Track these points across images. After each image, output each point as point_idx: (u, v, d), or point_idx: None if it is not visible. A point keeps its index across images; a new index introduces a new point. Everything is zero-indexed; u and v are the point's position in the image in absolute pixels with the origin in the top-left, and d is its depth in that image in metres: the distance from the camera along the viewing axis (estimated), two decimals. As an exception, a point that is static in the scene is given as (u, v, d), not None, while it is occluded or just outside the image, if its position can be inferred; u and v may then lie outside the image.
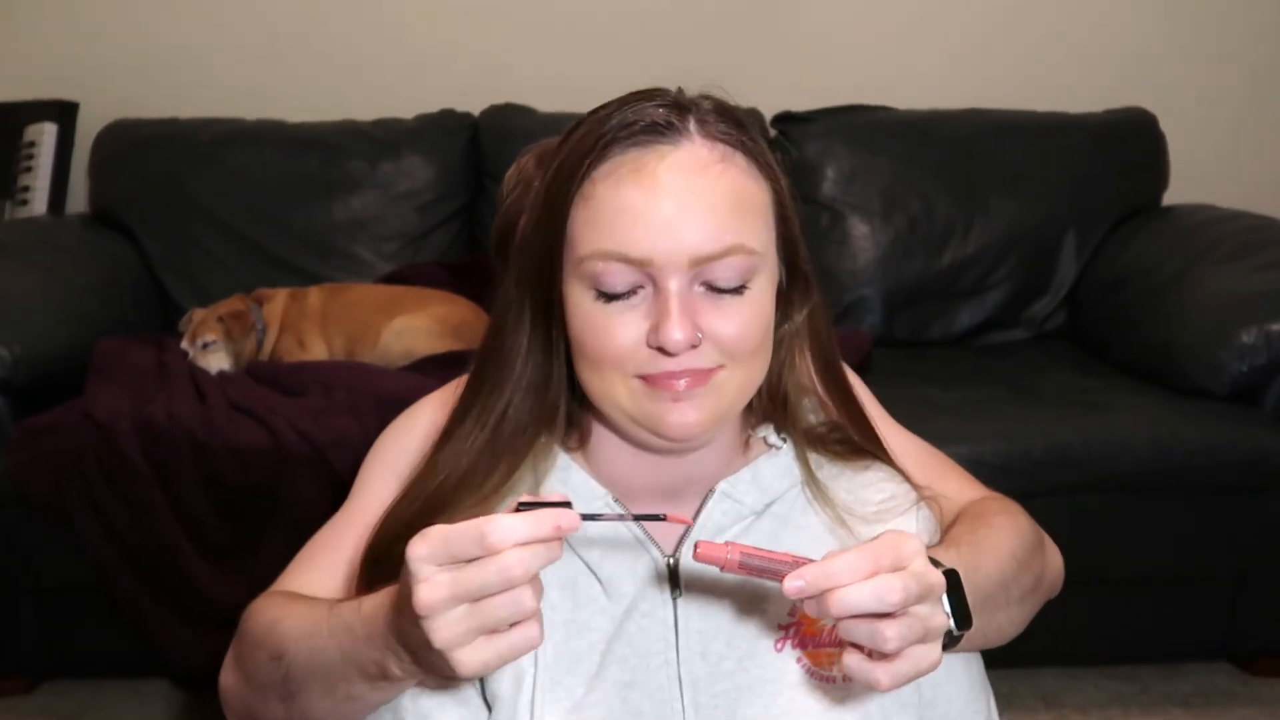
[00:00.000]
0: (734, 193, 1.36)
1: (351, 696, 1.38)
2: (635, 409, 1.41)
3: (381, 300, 3.76)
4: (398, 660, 1.28)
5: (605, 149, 1.36)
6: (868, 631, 1.17)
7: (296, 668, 1.40)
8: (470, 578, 1.12)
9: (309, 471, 3.00)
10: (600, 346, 1.38)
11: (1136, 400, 3.43)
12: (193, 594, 3.06)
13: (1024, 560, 1.54)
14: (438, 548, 1.13)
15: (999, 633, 1.52)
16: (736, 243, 1.34)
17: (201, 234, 4.20)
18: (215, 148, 4.26)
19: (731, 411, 1.45)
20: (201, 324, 3.59)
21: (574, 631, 1.44)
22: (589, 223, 1.35)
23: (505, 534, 1.11)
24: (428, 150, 4.32)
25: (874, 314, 4.23)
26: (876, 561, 1.16)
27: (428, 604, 1.12)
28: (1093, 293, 4.16)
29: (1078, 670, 3.54)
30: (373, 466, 1.73)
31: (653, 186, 1.33)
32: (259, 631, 1.49)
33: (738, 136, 1.39)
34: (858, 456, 1.60)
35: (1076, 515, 3.16)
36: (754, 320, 1.39)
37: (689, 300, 1.35)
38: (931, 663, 1.21)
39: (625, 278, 1.35)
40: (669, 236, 1.32)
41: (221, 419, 3.10)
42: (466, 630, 1.13)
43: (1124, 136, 4.37)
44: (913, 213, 4.25)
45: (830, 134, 4.30)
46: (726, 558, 1.19)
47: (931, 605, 1.20)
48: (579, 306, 1.38)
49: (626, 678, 1.42)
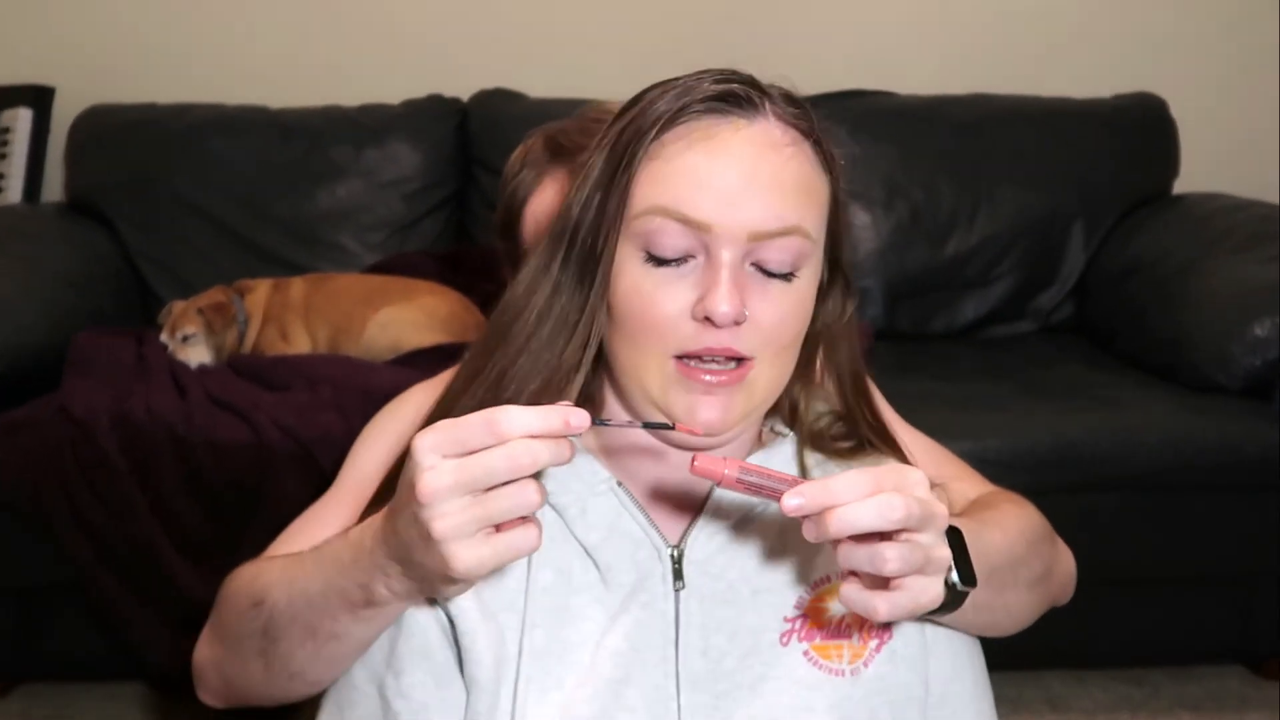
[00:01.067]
0: (800, 177, 1.40)
1: (335, 635, 1.38)
2: (662, 397, 1.42)
3: (367, 291, 3.76)
4: (384, 578, 1.29)
5: (681, 112, 1.38)
6: (868, 554, 1.19)
7: (278, 612, 1.41)
8: (476, 463, 1.14)
9: (292, 468, 2.99)
10: (643, 313, 1.39)
11: (1146, 395, 3.43)
12: (172, 594, 3.06)
13: (1032, 543, 1.56)
14: (445, 435, 1.15)
15: (1007, 614, 1.54)
16: (796, 224, 1.38)
17: (181, 223, 4.19)
18: (196, 134, 4.24)
19: (759, 411, 1.48)
20: (181, 316, 3.58)
21: (567, 620, 1.44)
22: (651, 179, 1.38)
23: (514, 423, 1.13)
24: (415, 137, 4.32)
25: (875, 306, 4.23)
26: (879, 483, 1.18)
27: (431, 490, 1.14)
28: (1101, 284, 4.17)
29: (1085, 673, 3.54)
30: (360, 453, 1.74)
31: (723, 153, 1.36)
32: (240, 586, 1.51)
33: (809, 124, 1.44)
34: (862, 454, 1.60)
35: (1084, 514, 3.16)
36: (795, 311, 1.42)
37: (740, 275, 1.37)
38: (932, 597, 1.22)
39: (679, 241, 1.37)
40: (731, 205, 1.35)
41: (202, 414, 3.10)
42: (468, 519, 1.15)
43: (1133, 122, 4.37)
44: (915, 202, 4.26)
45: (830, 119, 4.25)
46: (724, 473, 1.20)
47: (934, 535, 1.21)
48: (626, 270, 1.40)
49: (620, 672, 1.42)
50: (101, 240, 4.12)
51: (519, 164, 2.17)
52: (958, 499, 1.66)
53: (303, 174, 4.26)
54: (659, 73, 1.48)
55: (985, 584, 1.37)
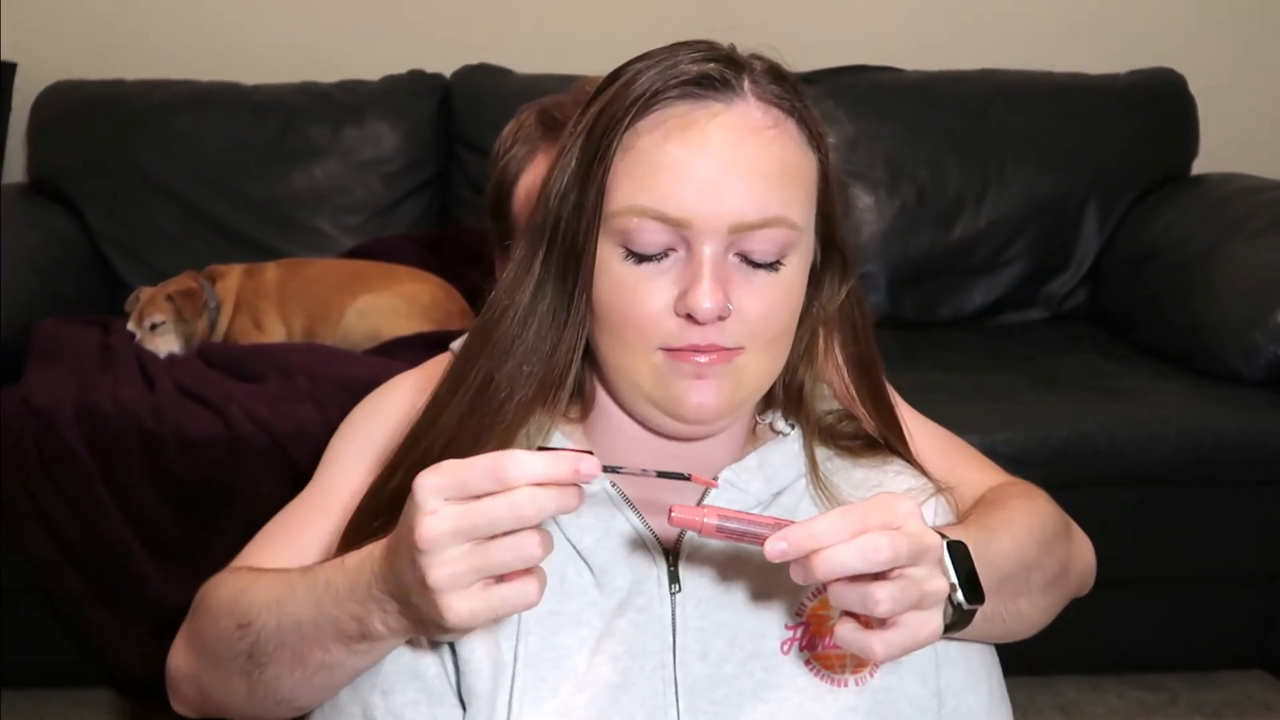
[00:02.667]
0: (783, 161, 1.38)
1: (326, 665, 1.37)
2: (654, 389, 1.41)
3: (345, 277, 3.76)
4: (381, 614, 1.28)
5: (654, 99, 1.36)
6: (859, 595, 1.18)
7: (266, 636, 1.39)
8: (478, 511, 1.13)
9: (266, 464, 3.00)
10: (625, 311, 1.38)
11: (1163, 386, 3.43)
12: (140, 596, 3.06)
13: (1045, 543, 1.55)
14: (448, 479, 1.15)
15: (1020, 621, 1.53)
16: (780, 214, 1.36)
17: (149, 205, 4.19)
18: (165, 112, 4.24)
19: (750, 400, 1.47)
20: (149, 303, 3.58)
21: (561, 625, 1.43)
22: (627, 175, 1.36)
23: (521, 470, 1.13)
24: (395, 114, 4.31)
25: (878, 292, 4.23)
26: (864, 521, 1.17)
27: (431, 536, 1.14)
28: (1116, 269, 4.17)
29: (1100, 679, 3.54)
30: (339, 449, 1.73)
31: (700, 144, 1.34)
32: (223, 601, 1.49)
33: (792, 102, 1.41)
34: (871, 452, 1.60)
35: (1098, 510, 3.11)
36: (783, 301, 1.40)
37: (722, 269, 1.36)
38: (930, 632, 1.21)
39: (659, 238, 1.36)
40: (711, 199, 1.33)
41: (171, 406, 3.10)
42: (466, 570, 1.15)
43: (1150, 99, 4.37)
44: (920, 183, 4.26)
45: (831, 97, 4.29)
46: (703, 522, 1.20)
47: (928, 568, 1.20)
48: (607, 267, 1.39)
49: (617, 679, 1.41)
50: (65, 223, 4.11)
51: (511, 139, 2.17)
52: (966, 497, 1.66)
53: (277, 154, 4.25)
54: (651, 48, 1.46)
55: (995, 594, 1.37)
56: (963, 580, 1.26)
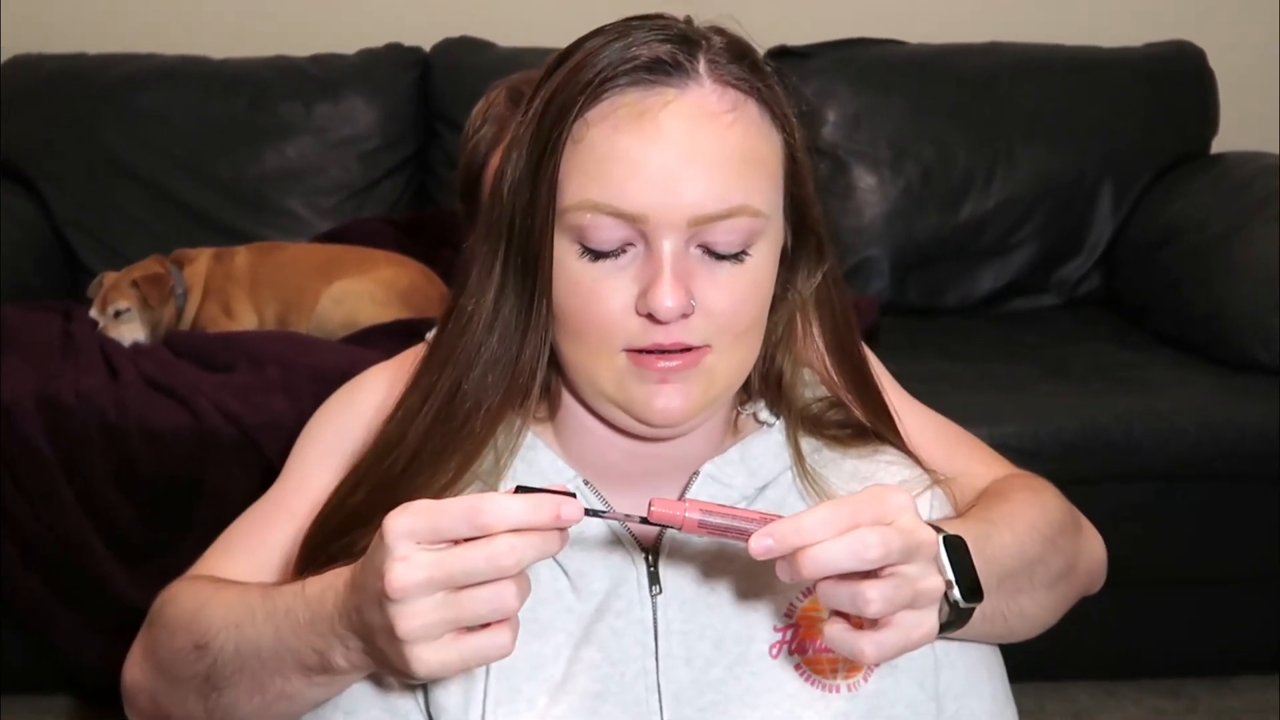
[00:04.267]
0: (743, 147, 1.36)
1: (285, 694, 1.37)
2: (618, 393, 1.40)
3: (319, 261, 3.76)
4: (344, 649, 1.27)
5: (602, 86, 1.35)
6: (849, 594, 1.17)
7: (224, 660, 1.39)
8: (454, 560, 1.12)
9: (236, 458, 3.00)
10: (584, 312, 1.37)
11: (1181, 376, 3.44)
12: (103, 597, 3.06)
13: (1049, 537, 1.54)
14: (422, 523, 1.13)
15: (1023, 620, 1.53)
16: (741, 204, 1.34)
17: (113, 187, 4.19)
18: (129, 88, 4.24)
19: (723, 396, 1.46)
20: (113, 289, 3.57)
21: (535, 632, 1.43)
22: (578, 169, 1.35)
23: (500, 515, 1.11)
24: (372, 90, 4.31)
25: (882, 277, 4.24)
26: (854, 516, 1.16)
27: (401, 585, 1.12)
28: (1132, 253, 4.17)
29: (1114, 684, 3.54)
30: (308, 446, 1.72)
31: (653, 134, 1.33)
32: (180, 618, 1.48)
33: (752, 82, 1.39)
34: (861, 441, 1.59)
35: (1113, 507, 3.12)
36: (750, 293, 1.39)
37: (683, 264, 1.35)
38: (924, 632, 1.21)
39: (614, 234, 1.34)
40: (667, 191, 1.32)
41: (136, 398, 3.09)
42: (437, 622, 1.13)
43: (1167, 74, 4.36)
44: (925, 162, 4.26)
45: (831, 72, 4.30)
46: (684, 516, 1.19)
47: (922, 565, 1.20)
48: (563, 265, 1.38)
49: (597, 688, 1.41)
50: (25, 205, 4.12)
51: (481, 119, 2.17)
52: (968, 490, 1.65)
53: (248, 132, 4.25)
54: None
55: (995, 592, 1.37)
56: (960, 577, 1.25)
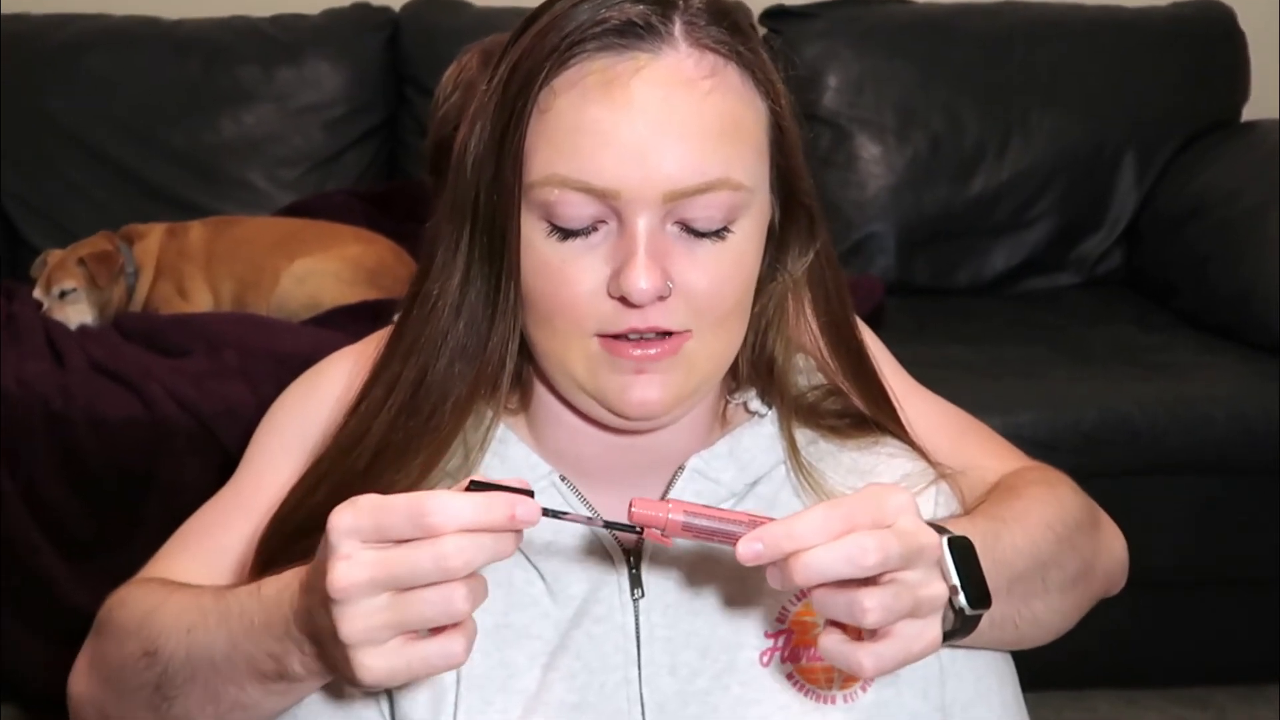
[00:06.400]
0: (722, 115, 1.35)
1: (240, 704, 1.36)
2: (591, 382, 1.40)
3: (280, 237, 3.76)
4: (300, 654, 1.27)
5: (569, 52, 1.33)
6: (845, 603, 1.16)
7: (175, 668, 1.38)
8: (398, 560, 1.11)
9: (191, 449, 2.99)
10: (554, 295, 1.36)
11: (1210, 360, 3.44)
12: (48, 600, 3.06)
13: (1064, 536, 1.53)
14: (365, 520, 1.13)
15: (1036, 626, 1.52)
16: (721, 176, 1.33)
17: (58, 157, 4.19)
18: (75, 51, 4.23)
19: (705, 385, 1.45)
20: (58, 268, 3.57)
21: (509, 639, 1.43)
22: (545, 141, 1.34)
23: (449, 514, 1.10)
24: (337, 53, 4.31)
25: (886, 255, 4.24)
26: (850, 518, 1.15)
27: (343, 586, 1.11)
28: (1156, 228, 4.17)
29: (1138, 694, 3.55)
30: (266, 438, 1.71)
31: (624, 103, 1.31)
32: (128, 624, 1.47)
33: (732, 44, 1.37)
34: (860, 432, 1.58)
35: (1137, 503, 3.13)
36: (733, 273, 1.38)
37: (659, 242, 1.34)
38: (927, 643, 1.20)
39: (584, 210, 1.33)
40: (640, 165, 1.30)
41: (83, 385, 3.09)
42: (382, 625, 1.13)
43: (1195, 36, 4.36)
44: (934, 130, 4.26)
45: (833, 33, 4.30)
46: (667, 518, 1.18)
47: (923, 571, 1.19)
48: (531, 244, 1.36)
49: (574, 698, 1.41)
50: (-38, 178, 4.10)
51: (451, 85, 2.17)
52: (977, 485, 1.65)
53: (203, 98, 4.25)
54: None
55: (1005, 596, 1.36)
56: (965, 582, 1.25)
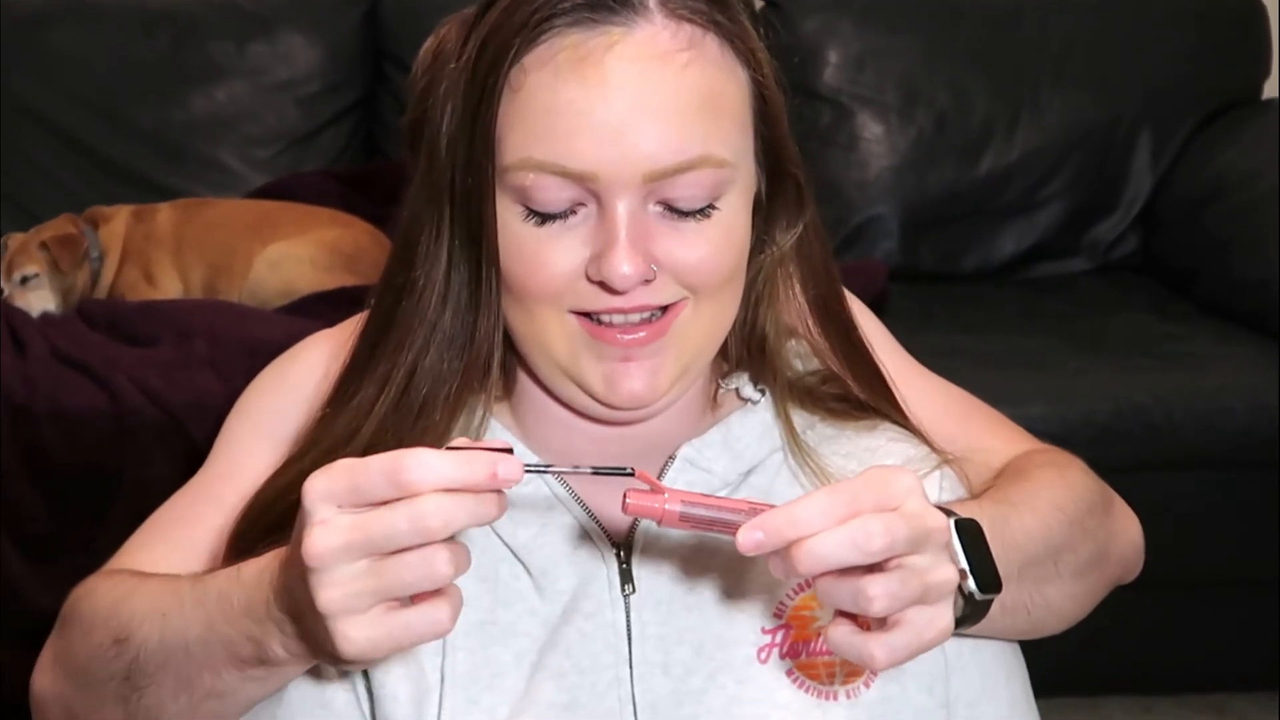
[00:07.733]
0: (702, 89, 1.34)
1: (216, 692, 1.35)
2: (574, 366, 1.40)
3: (253, 220, 3.75)
4: (281, 635, 1.26)
5: (539, 28, 1.32)
6: (850, 591, 1.16)
7: (146, 655, 1.37)
8: (375, 522, 1.10)
9: (159, 443, 2.99)
10: (530, 277, 1.36)
11: (1229, 350, 3.44)
12: (9, 601, 3.05)
13: (1077, 519, 1.53)
14: (340, 482, 1.12)
15: (1049, 612, 1.52)
16: (703, 154, 1.33)
17: (20, 135, 4.19)
18: (38, 26, 4.24)
19: (697, 364, 1.45)
20: (20, 252, 3.57)
21: (495, 636, 1.42)
22: (518, 122, 1.34)
23: (426, 473, 1.10)
24: (312, 27, 4.32)
25: (890, 239, 4.24)
26: (854, 502, 1.14)
27: (319, 552, 1.11)
28: (1173, 211, 4.17)
29: (1153, 700, 3.54)
30: (237, 426, 1.71)
31: (598, 81, 1.31)
32: (97, 613, 1.47)
33: (709, 13, 1.36)
34: (860, 415, 1.58)
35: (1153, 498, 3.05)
36: (724, 246, 1.38)
37: (641, 224, 1.34)
38: (939, 630, 1.20)
39: (561, 194, 1.33)
40: (618, 145, 1.30)
41: (45, 376, 3.09)
42: (361, 592, 1.12)
43: (1214, 8, 4.37)
44: (940, 108, 4.26)
45: (833, 7, 4.30)
46: (664, 509, 1.17)
47: (931, 555, 1.18)
48: (506, 227, 1.36)
49: (564, 698, 1.40)
50: (-81, 157, 4.10)
51: (430, 59, 2.17)
52: (983, 469, 1.64)
53: (172, 74, 4.26)
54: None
55: (1017, 581, 1.36)
56: (975, 566, 1.25)
